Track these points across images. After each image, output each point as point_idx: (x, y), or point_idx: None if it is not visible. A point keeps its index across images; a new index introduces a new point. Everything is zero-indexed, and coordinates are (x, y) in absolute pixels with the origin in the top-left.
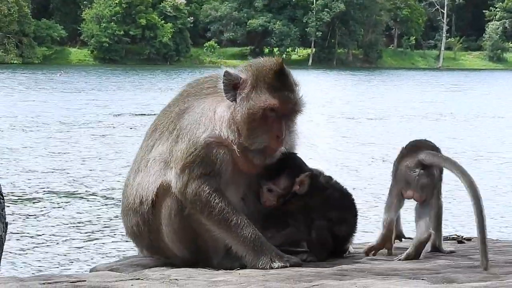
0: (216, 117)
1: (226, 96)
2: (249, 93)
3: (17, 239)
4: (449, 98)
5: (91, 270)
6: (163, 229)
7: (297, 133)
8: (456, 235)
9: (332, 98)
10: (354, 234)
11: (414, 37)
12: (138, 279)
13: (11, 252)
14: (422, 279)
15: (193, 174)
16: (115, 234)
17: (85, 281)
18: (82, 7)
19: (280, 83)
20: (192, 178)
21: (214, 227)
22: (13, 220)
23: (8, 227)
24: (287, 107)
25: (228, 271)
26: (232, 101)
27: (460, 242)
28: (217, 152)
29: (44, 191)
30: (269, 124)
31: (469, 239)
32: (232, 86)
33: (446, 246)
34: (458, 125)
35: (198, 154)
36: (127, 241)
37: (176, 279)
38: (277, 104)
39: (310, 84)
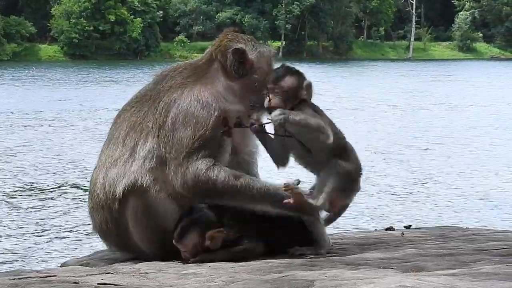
0: (220, 94)
1: (239, 72)
2: (259, 53)
3: None
4: (427, 88)
5: (61, 265)
6: (131, 227)
7: None
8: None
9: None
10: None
11: (383, 28)
12: (109, 273)
13: None
14: (392, 268)
15: (194, 158)
16: (86, 229)
17: (56, 276)
18: (51, 3)
19: None
20: (193, 161)
21: (228, 200)
22: None
23: None
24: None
25: (198, 264)
26: (243, 75)
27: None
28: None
29: (14, 186)
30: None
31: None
32: (240, 61)
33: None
34: (437, 114)
35: (207, 136)
36: (98, 240)
37: (146, 272)
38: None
39: None
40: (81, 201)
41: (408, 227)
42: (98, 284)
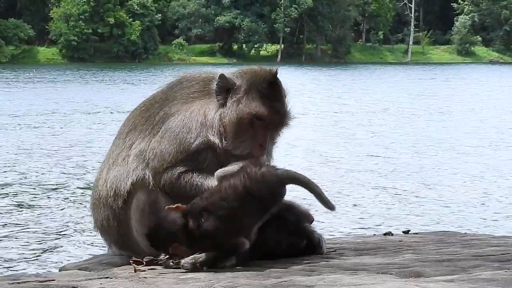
0: (207, 123)
1: (217, 98)
2: (241, 98)
3: None
4: (426, 91)
5: (60, 269)
6: (133, 224)
7: (276, 142)
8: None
9: (305, 94)
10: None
11: (382, 32)
12: (107, 277)
13: None
14: (391, 274)
15: (175, 170)
16: (84, 232)
17: (54, 280)
18: (50, 5)
19: (272, 94)
20: (174, 172)
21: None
22: None
23: None
24: (274, 118)
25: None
26: (222, 104)
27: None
28: (206, 156)
29: (8, 188)
30: (255, 132)
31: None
32: (225, 90)
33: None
34: (439, 120)
35: (189, 158)
36: (97, 243)
37: (145, 277)
38: (265, 113)
39: (281, 80)
40: (78, 203)
41: (406, 232)
42: None
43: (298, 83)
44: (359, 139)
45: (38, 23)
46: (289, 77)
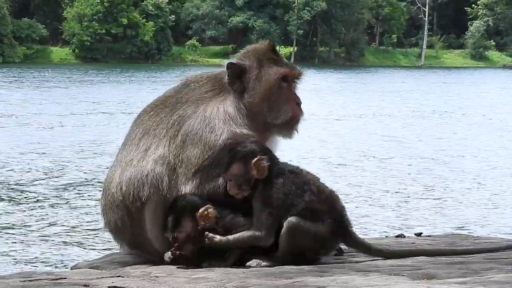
0: (230, 118)
1: (233, 88)
2: (259, 73)
3: None
4: (439, 96)
5: (72, 268)
6: (147, 224)
7: None
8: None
9: (319, 97)
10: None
11: (395, 35)
12: (119, 276)
13: None
14: (403, 276)
15: (208, 175)
16: (96, 231)
17: (66, 278)
18: (63, 5)
19: (279, 56)
20: (209, 178)
21: None
22: None
23: None
24: (295, 72)
25: (209, 268)
26: (241, 91)
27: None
28: None
29: (21, 189)
30: (285, 95)
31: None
32: (237, 76)
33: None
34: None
35: (216, 156)
36: (109, 243)
37: (156, 276)
38: (288, 71)
39: None
40: (91, 202)
41: (419, 234)
42: (108, 287)
43: (315, 86)
44: (370, 141)
45: (52, 23)
46: (305, 79)
